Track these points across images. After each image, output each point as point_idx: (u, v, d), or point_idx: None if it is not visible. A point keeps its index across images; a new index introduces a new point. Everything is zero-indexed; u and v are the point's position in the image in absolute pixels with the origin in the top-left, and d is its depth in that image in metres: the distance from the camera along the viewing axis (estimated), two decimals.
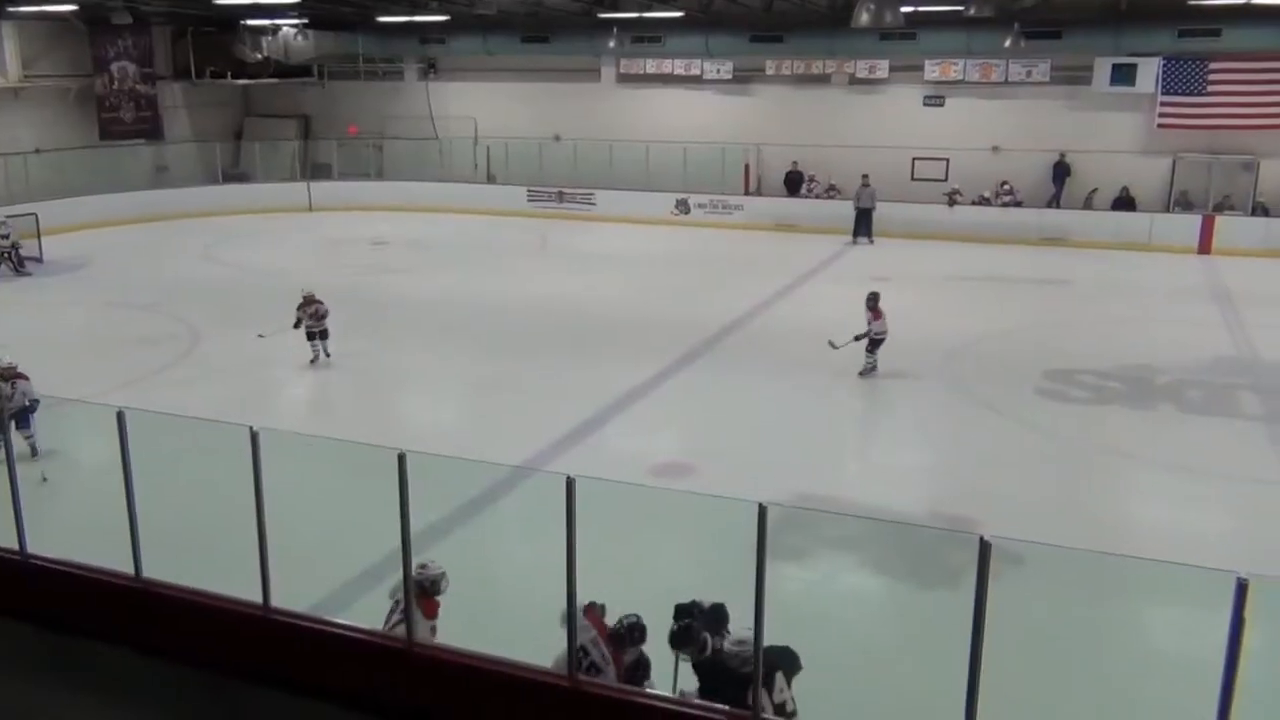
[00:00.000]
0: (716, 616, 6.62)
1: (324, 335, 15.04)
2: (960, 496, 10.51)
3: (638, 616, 6.46)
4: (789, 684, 6.06)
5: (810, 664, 7.22)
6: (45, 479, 10.10)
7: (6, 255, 20.69)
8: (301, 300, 14.98)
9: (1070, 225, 24.10)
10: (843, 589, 9.15)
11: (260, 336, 15.03)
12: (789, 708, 5.93)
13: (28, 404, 11.00)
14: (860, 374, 14.03)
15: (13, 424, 10.45)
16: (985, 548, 5.13)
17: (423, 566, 7.06)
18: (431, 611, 7.01)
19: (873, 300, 14.15)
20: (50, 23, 26.58)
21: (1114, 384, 13.95)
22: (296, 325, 15.02)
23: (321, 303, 14.96)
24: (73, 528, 8.67)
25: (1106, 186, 24.55)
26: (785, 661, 6.14)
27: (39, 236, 22.00)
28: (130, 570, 7.46)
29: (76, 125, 27.76)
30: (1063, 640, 7.74)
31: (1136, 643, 8.04)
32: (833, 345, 13.91)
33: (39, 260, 21.68)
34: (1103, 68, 23.44)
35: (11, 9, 24.88)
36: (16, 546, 7.64)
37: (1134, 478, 11.36)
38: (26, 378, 11.20)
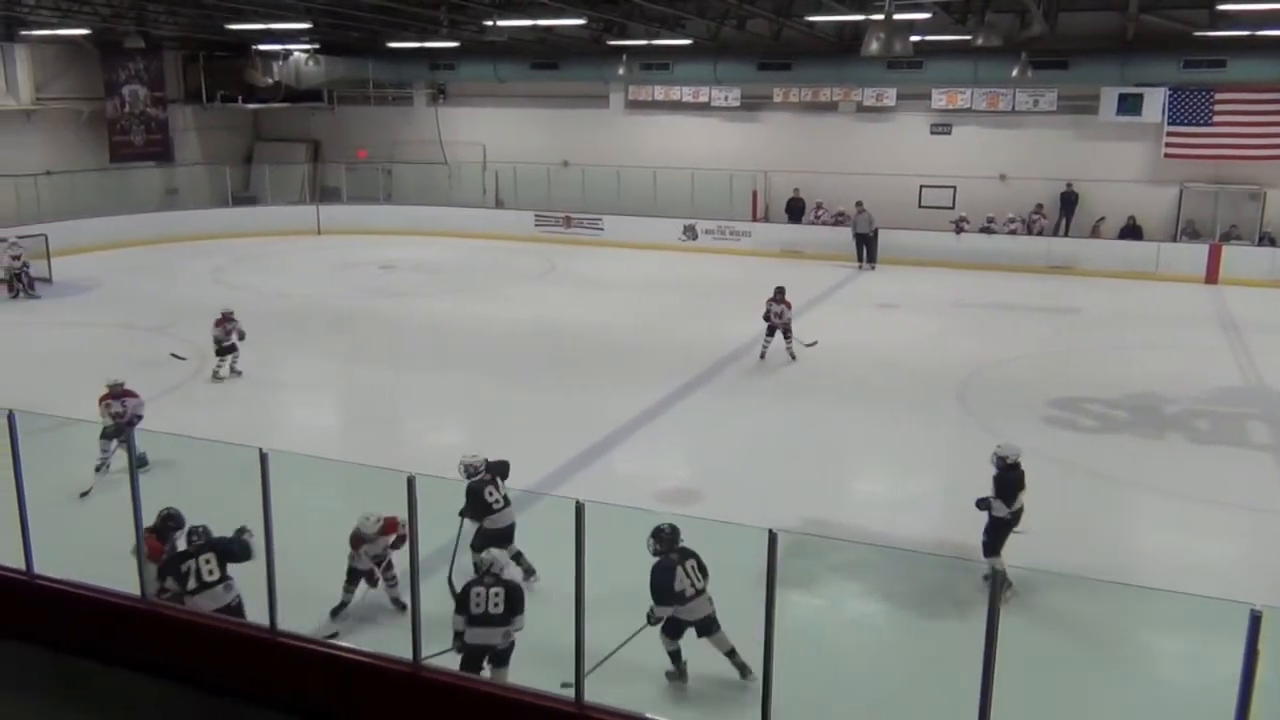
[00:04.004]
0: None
1: (233, 350, 15.21)
2: (968, 524, 10.42)
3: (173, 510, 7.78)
4: None
5: (818, 692, 7.19)
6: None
7: (17, 276, 20.77)
8: (220, 317, 15.18)
9: (1077, 254, 24.11)
10: (850, 617, 9.10)
11: (176, 356, 15.62)
12: None
13: (136, 419, 11.33)
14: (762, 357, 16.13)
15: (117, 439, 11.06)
16: (997, 577, 5.12)
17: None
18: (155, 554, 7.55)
19: (779, 294, 16.08)
20: (62, 46, 26.81)
21: (1122, 413, 13.92)
22: (217, 344, 15.11)
23: (237, 322, 15.19)
24: (76, 548, 8.64)
25: (1113, 215, 24.60)
26: None
27: (49, 258, 22.07)
28: (136, 591, 7.46)
29: (87, 147, 27.93)
30: (1073, 670, 7.68)
31: (1148, 673, 7.98)
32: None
33: (48, 281, 21.75)
34: (1109, 98, 23.51)
35: (25, 32, 25.13)
36: (24, 566, 7.63)
37: (1143, 507, 11.30)
38: (136, 395, 11.58)
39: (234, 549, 7.41)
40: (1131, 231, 24.35)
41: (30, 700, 6.82)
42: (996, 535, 8.71)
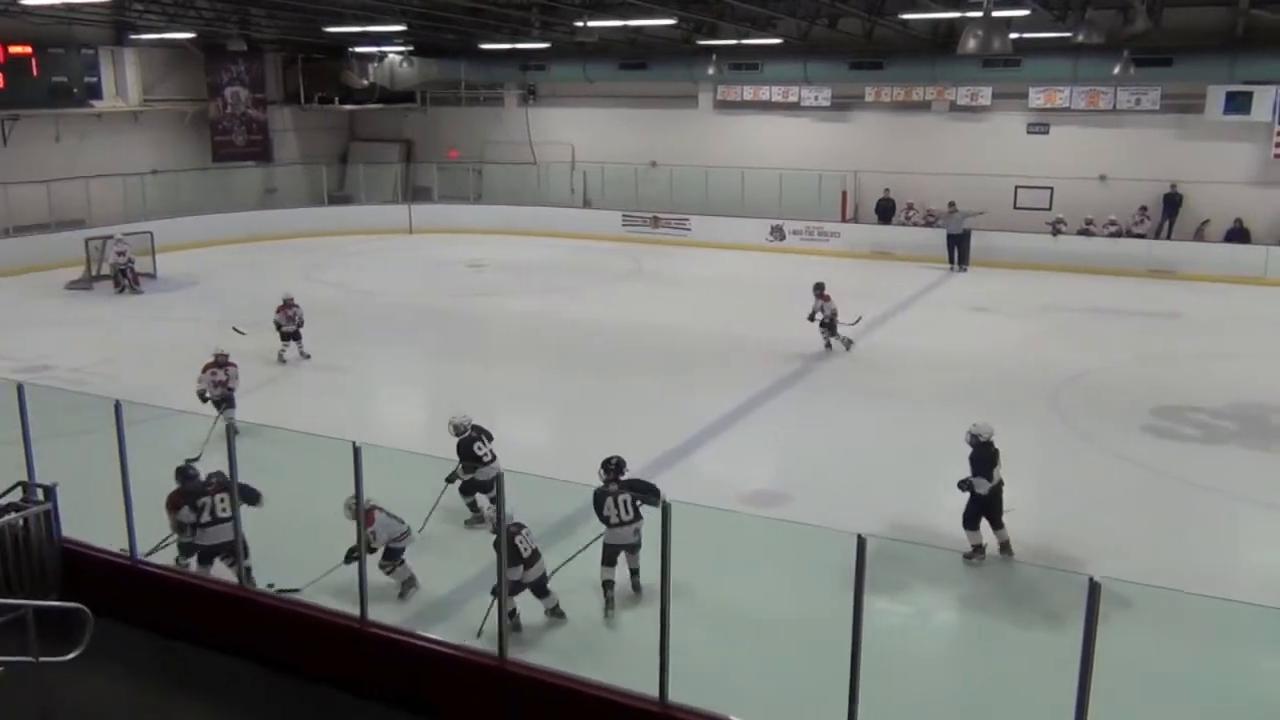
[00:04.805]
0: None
1: (297, 337, 15.97)
2: (1063, 534, 10.18)
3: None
4: None
5: (905, 700, 7.05)
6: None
7: (122, 272, 21.53)
8: (281, 304, 15.97)
9: (1180, 257, 23.33)
10: (939, 624, 8.93)
11: (237, 330, 15.91)
12: None
13: (230, 391, 12.36)
14: (826, 347, 16.56)
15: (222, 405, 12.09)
16: (1095, 589, 4.97)
17: None
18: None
19: (819, 289, 16.55)
20: (169, 50, 27.73)
21: (1227, 423, 13.41)
22: (278, 329, 15.91)
23: (298, 307, 15.97)
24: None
25: (1219, 218, 23.72)
26: None
27: (153, 254, 22.88)
28: (233, 579, 7.66)
29: (191, 147, 28.87)
30: (1173, 688, 7.42)
31: (1248, 693, 7.66)
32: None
33: (152, 277, 22.53)
34: (1216, 96, 22.68)
35: (134, 36, 26.05)
36: (128, 551, 7.89)
37: (1248, 521, 10.87)
38: (235, 364, 12.57)
39: (247, 491, 8.15)
40: (1238, 234, 23.46)
41: (130, 679, 7.04)
42: (977, 510, 9.26)
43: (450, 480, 9.64)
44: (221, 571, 8.12)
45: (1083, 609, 4.99)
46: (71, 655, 6.27)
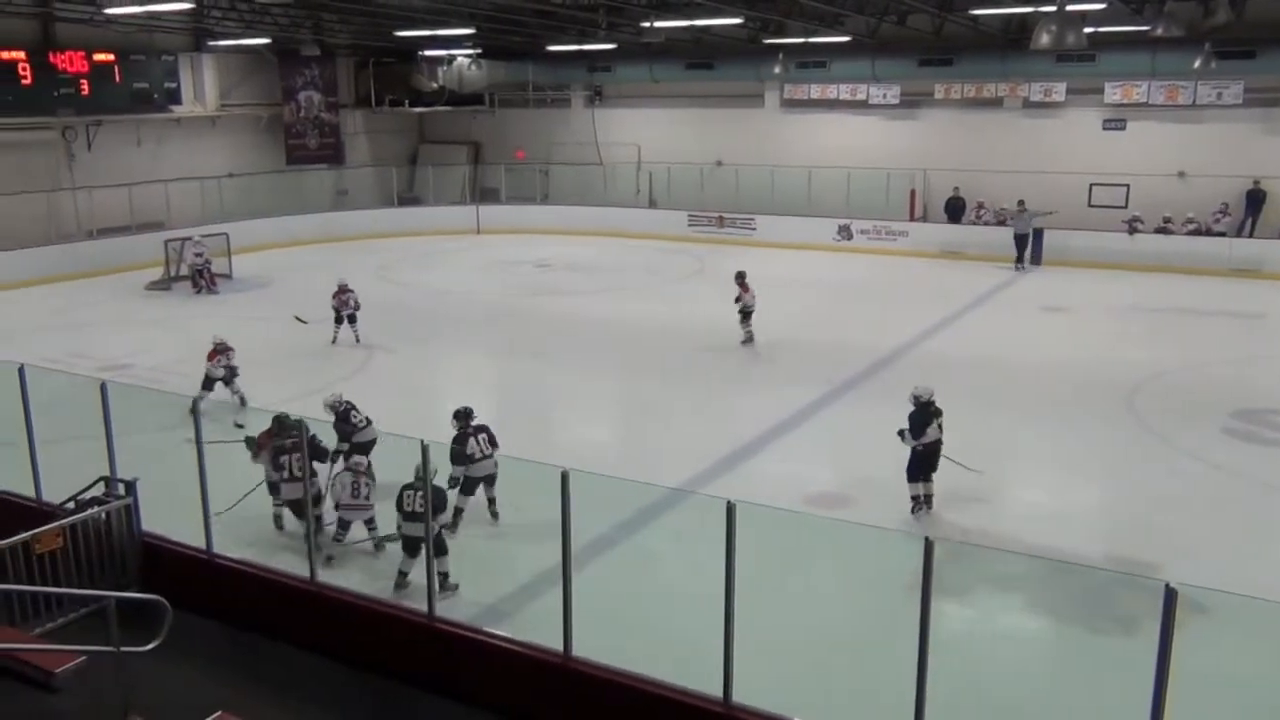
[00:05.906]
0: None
1: (352, 320, 16.98)
2: (1138, 539, 9.96)
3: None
4: None
5: (974, 707, 6.95)
6: (241, 425, 11.43)
7: (200, 272, 22.06)
8: (336, 289, 17.08)
9: (1264, 255, 22.62)
10: (1008, 630, 8.78)
11: (299, 319, 17.18)
12: None
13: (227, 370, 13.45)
14: (741, 343, 16.69)
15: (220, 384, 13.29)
16: (1171, 595, 4.85)
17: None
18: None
19: (740, 277, 16.78)
20: (245, 55, 28.35)
21: None
22: (336, 313, 16.92)
23: (353, 292, 17.05)
24: (248, 534, 9.12)
25: None
26: None
27: (229, 255, 23.40)
28: (304, 574, 7.81)
29: (266, 151, 29.47)
30: (1250, 697, 7.21)
31: None
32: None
33: (229, 277, 23.05)
34: None
35: (211, 43, 26.69)
36: (204, 546, 8.08)
37: None
38: (233, 349, 13.62)
39: (317, 448, 9.08)
40: None
41: (206, 669, 7.22)
42: (916, 464, 10.11)
43: (335, 456, 10.15)
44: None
45: (1158, 615, 4.88)
46: (151, 646, 6.44)
